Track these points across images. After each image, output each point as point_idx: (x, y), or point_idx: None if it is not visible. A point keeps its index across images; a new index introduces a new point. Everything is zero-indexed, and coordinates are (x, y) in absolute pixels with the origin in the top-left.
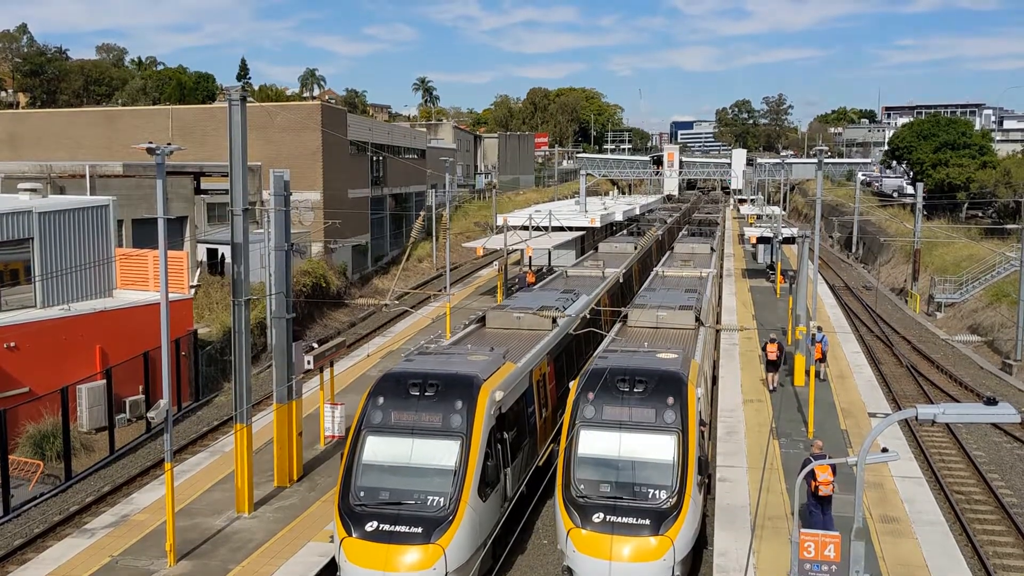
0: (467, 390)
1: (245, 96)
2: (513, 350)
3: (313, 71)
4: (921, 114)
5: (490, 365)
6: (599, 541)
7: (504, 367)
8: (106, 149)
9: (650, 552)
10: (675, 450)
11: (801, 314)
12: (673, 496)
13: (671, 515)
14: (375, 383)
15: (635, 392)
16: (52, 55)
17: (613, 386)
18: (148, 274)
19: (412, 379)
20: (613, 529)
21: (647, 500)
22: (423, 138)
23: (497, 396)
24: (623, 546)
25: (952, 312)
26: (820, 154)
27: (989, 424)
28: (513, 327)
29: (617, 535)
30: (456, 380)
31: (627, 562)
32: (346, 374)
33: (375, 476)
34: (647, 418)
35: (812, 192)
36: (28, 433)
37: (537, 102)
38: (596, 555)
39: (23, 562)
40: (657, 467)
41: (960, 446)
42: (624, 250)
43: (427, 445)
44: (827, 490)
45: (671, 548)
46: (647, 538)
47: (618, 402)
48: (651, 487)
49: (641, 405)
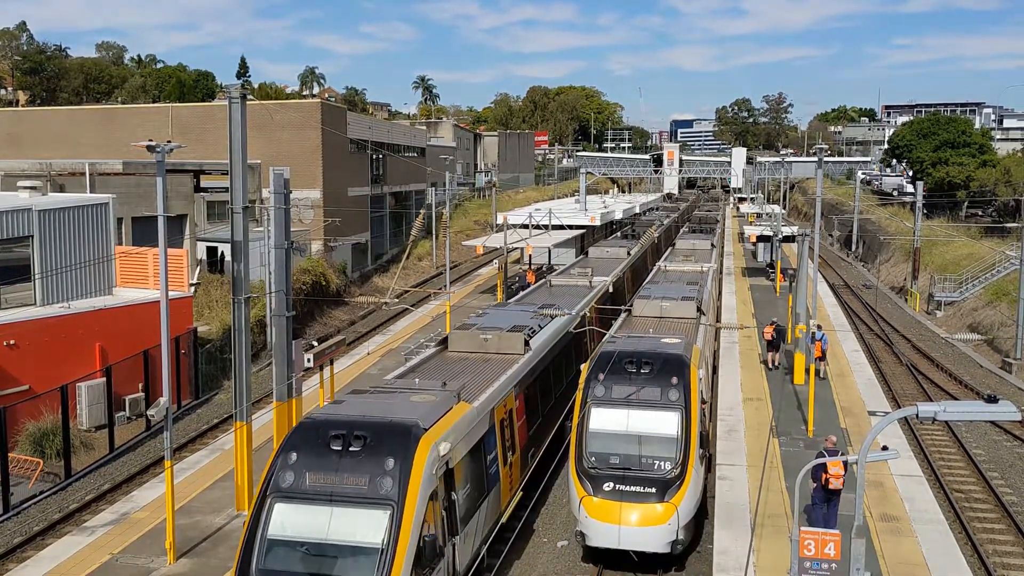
0: (402, 443)
1: (245, 94)
2: (473, 383)
3: (313, 69)
4: (921, 113)
5: (437, 408)
6: (609, 508)
7: (455, 410)
8: (106, 147)
9: (656, 517)
10: (679, 425)
11: (801, 312)
12: (677, 467)
13: (675, 484)
14: (288, 434)
15: (642, 373)
16: (52, 53)
17: (621, 367)
18: (148, 272)
19: (334, 429)
20: (622, 497)
21: (653, 471)
22: (423, 136)
23: (442, 449)
24: (631, 512)
25: (952, 311)
26: (820, 153)
27: (989, 423)
28: (479, 351)
29: (626, 502)
30: (389, 431)
31: (635, 527)
32: (346, 372)
33: (280, 558)
34: (653, 396)
35: (812, 191)
36: (28, 431)
37: (537, 101)
38: (606, 520)
39: (23, 560)
40: (662, 441)
41: (960, 445)
42: (616, 255)
43: (348, 516)
44: (838, 483)
45: (675, 514)
46: (653, 505)
47: (626, 382)
48: (657, 459)
49: (647, 384)
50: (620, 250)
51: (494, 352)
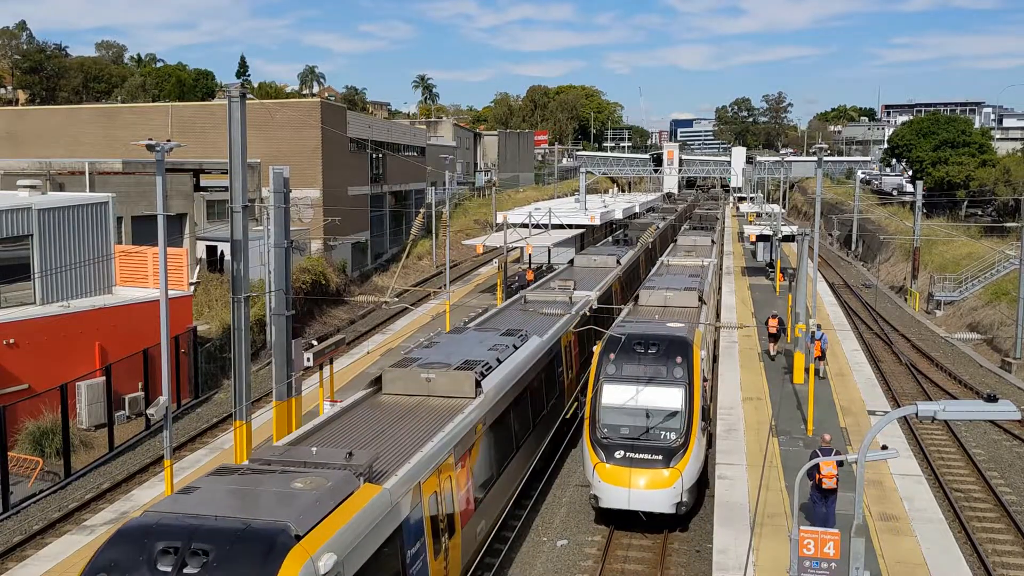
0: (259, 564)
1: (245, 93)
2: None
3: (313, 68)
4: (921, 112)
5: (325, 498)
6: (620, 473)
7: (354, 498)
8: (105, 146)
9: (662, 481)
10: (683, 400)
11: (801, 312)
12: (681, 437)
13: (679, 452)
14: (100, 548)
15: (649, 353)
16: (51, 52)
17: (630, 348)
18: (147, 271)
19: (162, 540)
20: (632, 463)
21: (660, 440)
22: (423, 135)
23: (322, 566)
24: (640, 477)
25: (951, 310)
26: (820, 152)
27: (988, 422)
28: (419, 394)
29: (635, 468)
30: (243, 542)
31: (643, 490)
32: (346, 371)
33: None
34: (659, 373)
35: (812, 190)
36: (27, 430)
37: (537, 100)
38: (618, 484)
39: (23, 559)
40: (668, 413)
41: (959, 444)
42: (604, 264)
43: None
44: (831, 483)
45: (680, 479)
46: (660, 470)
47: (635, 361)
48: (663, 430)
49: (654, 363)
50: (609, 259)
51: (439, 396)
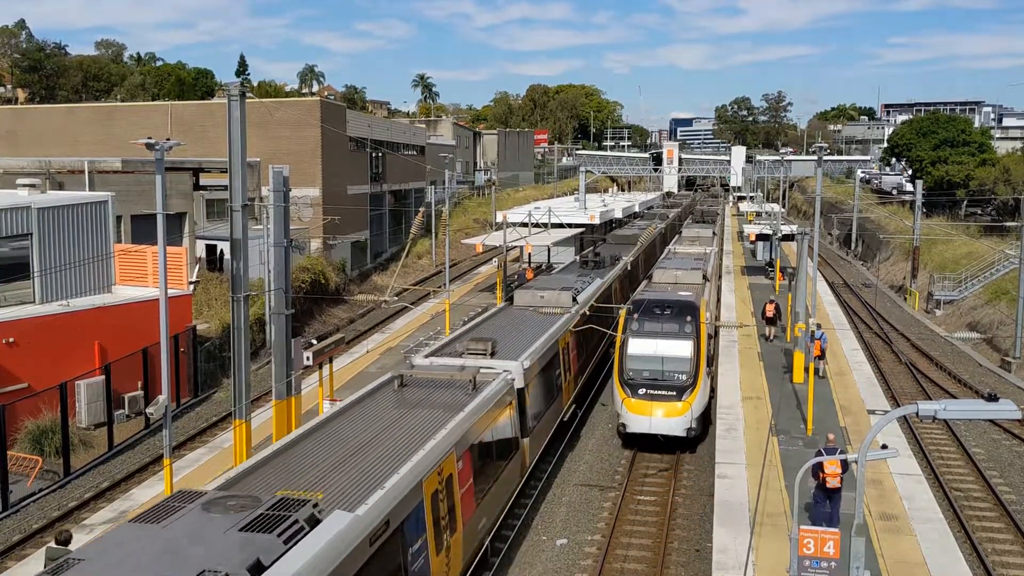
0: None
1: (244, 92)
2: None
3: (312, 67)
4: (920, 111)
5: None
6: (643, 405)
7: None
8: (105, 145)
9: (676, 411)
10: (692, 349)
11: (800, 311)
12: (690, 378)
13: (689, 389)
14: None
15: (665, 313)
16: (51, 51)
17: (650, 310)
18: (147, 270)
19: None
20: (652, 398)
21: (674, 380)
22: (422, 134)
23: None
24: (658, 408)
25: (951, 309)
26: (819, 151)
27: (988, 421)
28: None
29: (655, 401)
30: None
31: (661, 418)
32: (345, 370)
33: None
34: (673, 329)
35: (811, 189)
36: (27, 429)
37: (537, 99)
38: (641, 414)
39: (22, 558)
40: (680, 360)
41: (959, 444)
42: (554, 305)
43: None
44: (834, 482)
45: (690, 410)
46: (674, 403)
47: (654, 320)
48: (676, 372)
49: (669, 321)
50: (564, 295)
51: None
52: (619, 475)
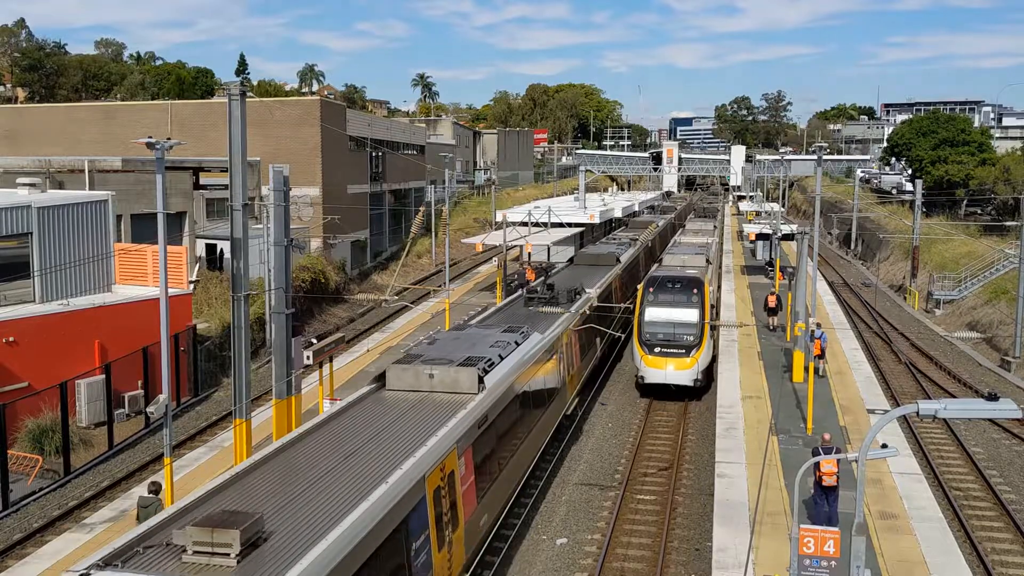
0: None
1: (244, 91)
2: None
3: (312, 66)
4: (920, 111)
5: None
6: (659, 360)
7: None
8: (105, 144)
9: (686, 365)
10: (698, 316)
11: (800, 311)
12: (697, 339)
13: (695, 348)
14: None
15: (676, 286)
16: (51, 50)
17: (664, 283)
18: (147, 269)
19: None
20: (665, 355)
21: (683, 341)
22: (422, 134)
23: None
24: (671, 363)
25: (951, 309)
26: (819, 151)
27: (988, 421)
28: None
29: (668, 357)
30: None
31: (674, 371)
32: (345, 369)
33: None
34: (682, 299)
35: (811, 189)
36: (27, 428)
37: (536, 98)
38: (656, 367)
39: (22, 557)
40: (688, 324)
41: (959, 443)
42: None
43: None
44: (831, 480)
45: (696, 364)
46: (683, 359)
47: (666, 291)
48: (685, 334)
49: (679, 293)
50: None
51: None
52: (619, 474)
